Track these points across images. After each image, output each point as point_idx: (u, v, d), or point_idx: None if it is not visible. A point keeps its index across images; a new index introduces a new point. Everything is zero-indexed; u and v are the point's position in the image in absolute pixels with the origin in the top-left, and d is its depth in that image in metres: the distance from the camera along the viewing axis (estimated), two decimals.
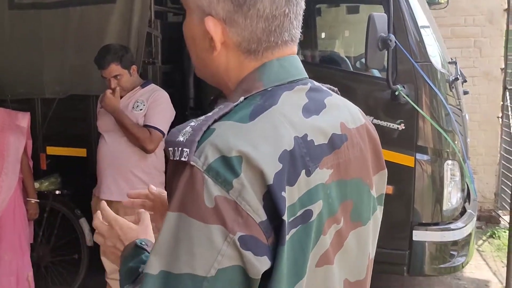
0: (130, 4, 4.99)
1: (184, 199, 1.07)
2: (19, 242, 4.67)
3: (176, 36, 5.27)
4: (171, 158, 1.11)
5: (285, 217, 1.07)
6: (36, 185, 5.03)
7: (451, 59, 5.20)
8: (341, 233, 1.27)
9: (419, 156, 4.44)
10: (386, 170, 1.48)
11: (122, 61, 4.28)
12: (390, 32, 4.09)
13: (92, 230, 5.00)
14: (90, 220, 5.06)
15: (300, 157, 1.14)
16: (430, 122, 4.38)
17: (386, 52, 4.17)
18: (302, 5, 1.28)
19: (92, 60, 4.35)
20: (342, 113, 1.33)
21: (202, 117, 1.15)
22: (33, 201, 4.84)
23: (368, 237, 1.38)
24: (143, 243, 1.44)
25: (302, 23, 1.31)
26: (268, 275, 1.08)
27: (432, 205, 4.57)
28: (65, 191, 5.41)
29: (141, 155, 4.30)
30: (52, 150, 5.52)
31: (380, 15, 4.08)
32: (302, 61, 1.34)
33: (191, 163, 1.07)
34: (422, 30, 4.47)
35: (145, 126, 4.27)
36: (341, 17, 5.90)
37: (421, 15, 4.67)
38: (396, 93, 4.25)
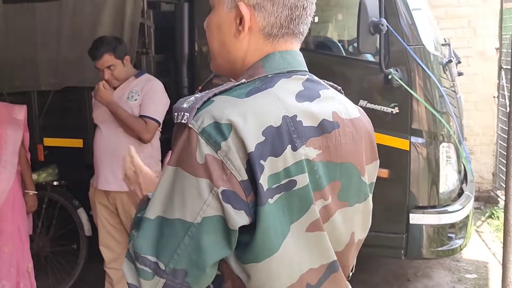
0: None
1: (181, 156, 1.27)
2: (18, 234, 4.69)
3: (169, 25, 5.29)
4: (175, 121, 1.30)
5: (261, 181, 1.24)
6: (34, 176, 5.06)
7: (445, 41, 5.20)
8: (328, 209, 1.40)
9: (414, 139, 4.43)
10: (378, 160, 1.62)
11: (116, 52, 4.29)
12: (382, 16, 4.10)
13: (90, 220, 5.07)
14: (88, 210, 5.10)
15: (287, 134, 1.30)
16: (424, 105, 4.38)
17: (378, 36, 4.18)
18: (314, 7, 1.48)
19: (86, 52, 4.37)
20: (336, 105, 1.47)
21: (206, 91, 1.33)
22: (31, 193, 4.86)
23: (354, 217, 1.50)
24: None
25: None
26: (254, 230, 1.26)
27: (428, 188, 4.57)
28: (63, 182, 5.47)
29: (137, 144, 4.30)
30: (49, 141, 5.55)
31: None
32: None
33: (189, 125, 1.26)
34: (414, 13, 4.46)
35: (141, 116, 4.29)
36: (334, 0, 5.89)
37: None
38: (389, 76, 4.25)
